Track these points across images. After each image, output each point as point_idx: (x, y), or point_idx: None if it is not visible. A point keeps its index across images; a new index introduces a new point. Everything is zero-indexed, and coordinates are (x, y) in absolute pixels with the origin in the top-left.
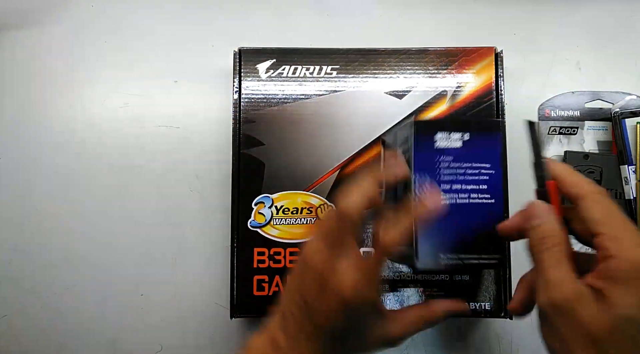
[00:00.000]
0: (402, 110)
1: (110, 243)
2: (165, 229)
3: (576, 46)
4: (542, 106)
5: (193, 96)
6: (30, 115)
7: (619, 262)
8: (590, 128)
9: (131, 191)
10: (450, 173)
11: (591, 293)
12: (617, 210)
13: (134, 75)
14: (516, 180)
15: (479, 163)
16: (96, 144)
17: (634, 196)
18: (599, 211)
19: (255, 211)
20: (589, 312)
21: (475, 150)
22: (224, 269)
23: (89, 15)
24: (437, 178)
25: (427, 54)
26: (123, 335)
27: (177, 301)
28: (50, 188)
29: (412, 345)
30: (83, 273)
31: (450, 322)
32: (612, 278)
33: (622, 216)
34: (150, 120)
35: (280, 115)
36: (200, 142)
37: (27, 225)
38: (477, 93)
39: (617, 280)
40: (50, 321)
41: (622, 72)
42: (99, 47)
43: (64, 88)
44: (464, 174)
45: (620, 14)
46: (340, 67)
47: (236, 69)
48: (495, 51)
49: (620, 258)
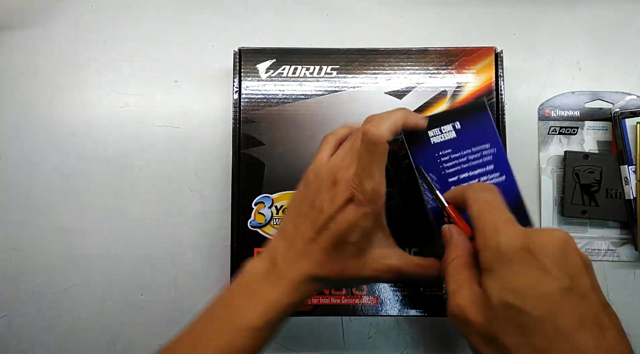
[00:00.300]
0: None
1: (110, 243)
2: (165, 229)
3: (576, 46)
4: (542, 106)
5: (193, 96)
6: (30, 115)
7: (485, 253)
8: (590, 128)
9: (131, 191)
10: (454, 165)
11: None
12: (491, 203)
13: (134, 75)
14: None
15: (478, 146)
16: (96, 144)
17: (634, 196)
18: (475, 210)
19: (255, 211)
20: (476, 310)
21: (471, 135)
22: (224, 269)
23: (89, 15)
24: (443, 174)
25: (427, 54)
26: (123, 335)
27: (177, 301)
28: (50, 188)
29: (412, 345)
30: (83, 273)
31: (450, 322)
32: (484, 270)
33: (495, 208)
34: (150, 120)
35: (280, 115)
36: (200, 142)
37: (27, 225)
38: (477, 93)
39: (486, 271)
40: (50, 321)
41: (622, 72)
42: (99, 47)
43: (64, 88)
44: (467, 161)
45: (620, 14)
46: (340, 67)
47: (236, 69)
48: (495, 51)
49: (485, 249)
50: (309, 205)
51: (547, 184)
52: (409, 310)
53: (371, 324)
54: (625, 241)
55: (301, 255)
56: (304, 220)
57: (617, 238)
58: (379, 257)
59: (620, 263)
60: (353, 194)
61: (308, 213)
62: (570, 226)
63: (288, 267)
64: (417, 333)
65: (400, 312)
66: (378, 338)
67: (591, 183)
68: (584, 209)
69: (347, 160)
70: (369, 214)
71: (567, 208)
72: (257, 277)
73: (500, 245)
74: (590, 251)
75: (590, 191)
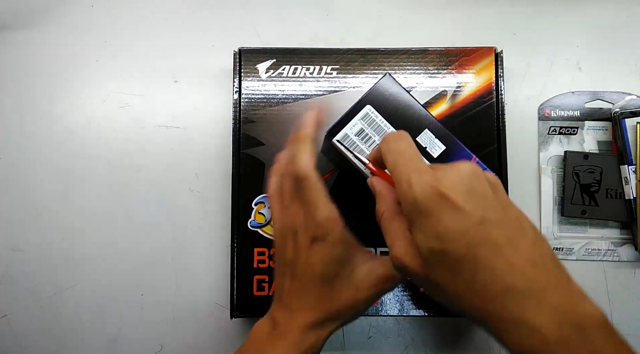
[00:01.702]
0: None
1: (110, 243)
2: (165, 229)
3: (576, 46)
4: (542, 106)
5: (193, 96)
6: (30, 115)
7: (404, 207)
8: (590, 128)
9: (131, 191)
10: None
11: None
12: (403, 152)
13: (134, 75)
14: (516, 180)
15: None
16: (96, 144)
17: (634, 196)
18: (390, 163)
19: (255, 211)
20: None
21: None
22: (224, 269)
23: (89, 15)
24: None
25: (427, 54)
26: (123, 335)
27: (177, 301)
28: (50, 188)
29: (412, 345)
30: (83, 273)
31: (451, 322)
32: (409, 221)
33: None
34: (150, 120)
35: (280, 115)
36: (200, 142)
37: (27, 225)
38: (477, 93)
39: (410, 222)
40: (50, 321)
41: (622, 72)
42: (99, 47)
43: (64, 88)
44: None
45: (620, 14)
46: (340, 67)
47: (236, 69)
48: (495, 51)
49: (403, 203)
50: (283, 263)
51: (547, 184)
52: (409, 310)
53: (371, 324)
54: (625, 241)
55: (294, 309)
56: (284, 277)
57: (617, 238)
58: (366, 275)
59: (620, 263)
60: (313, 233)
61: (285, 269)
62: (570, 226)
63: (287, 324)
64: (417, 333)
65: (400, 312)
66: (378, 338)
67: (591, 183)
68: (584, 209)
69: (294, 207)
70: (336, 242)
71: (567, 208)
72: (262, 339)
73: (416, 197)
74: (590, 251)
75: (590, 191)
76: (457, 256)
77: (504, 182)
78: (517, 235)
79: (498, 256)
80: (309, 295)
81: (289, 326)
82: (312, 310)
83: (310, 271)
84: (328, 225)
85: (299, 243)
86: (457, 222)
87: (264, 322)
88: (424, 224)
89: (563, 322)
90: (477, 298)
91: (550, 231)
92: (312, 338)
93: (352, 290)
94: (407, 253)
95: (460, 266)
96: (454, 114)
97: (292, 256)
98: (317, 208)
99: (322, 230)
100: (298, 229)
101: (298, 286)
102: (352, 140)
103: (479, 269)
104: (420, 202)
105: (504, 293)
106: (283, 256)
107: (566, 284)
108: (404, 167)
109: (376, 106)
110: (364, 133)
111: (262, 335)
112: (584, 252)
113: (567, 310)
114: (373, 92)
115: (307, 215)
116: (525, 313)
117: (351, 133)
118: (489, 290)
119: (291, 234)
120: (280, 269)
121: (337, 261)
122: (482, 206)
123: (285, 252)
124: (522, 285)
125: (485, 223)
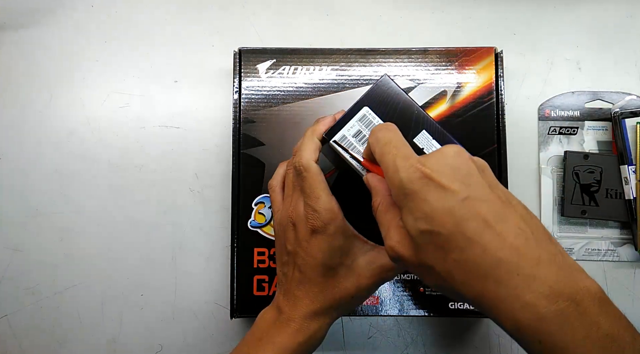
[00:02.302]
0: None
1: (110, 243)
2: (165, 229)
3: (576, 46)
4: (542, 106)
5: (193, 96)
6: (30, 115)
7: (393, 193)
8: (590, 128)
9: (131, 191)
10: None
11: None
12: (389, 142)
13: (134, 75)
14: (516, 180)
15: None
16: (96, 144)
17: (634, 196)
18: (378, 154)
19: (255, 211)
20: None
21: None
22: (224, 269)
23: (89, 15)
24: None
25: (427, 54)
26: (123, 335)
27: (177, 301)
28: (50, 188)
29: (412, 345)
30: (83, 273)
31: (451, 322)
32: (400, 208)
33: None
34: (150, 120)
35: (280, 115)
36: (200, 142)
37: (27, 225)
38: (477, 93)
39: (401, 209)
40: (50, 321)
41: (622, 72)
42: (99, 47)
43: (63, 88)
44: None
45: (620, 14)
46: (340, 67)
47: (236, 69)
48: (495, 51)
49: (393, 189)
50: (284, 253)
51: (547, 184)
52: (409, 310)
53: (371, 324)
54: (625, 241)
55: (298, 297)
56: (287, 267)
57: (617, 238)
58: (367, 264)
59: (620, 263)
60: (312, 224)
61: (287, 259)
62: (570, 226)
63: (291, 312)
64: (417, 333)
65: (400, 312)
66: (378, 338)
67: (591, 183)
68: (584, 209)
69: (294, 198)
70: (336, 233)
71: (567, 208)
72: (266, 325)
73: (402, 181)
74: (590, 251)
75: (590, 191)
76: (446, 235)
77: (504, 182)
78: (505, 210)
79: (486, 230)
80: (311, 284)
81: (293, 313)
82: (314, 299)
83: (311, 261)
84: (328, 216)
85: (300, 233)
86: (443, 201)
87: (269, 310)
88: (411, 207)
89: (558, 296)
90: (469, 276)
91: (550, 231)
92: (316, 325)
93: (353, 279)
94: (399, 241)
95: (449, 245)
96: (453, 114)
97: (293, 247)
98: (318, 198)
99: (322, 221)
100: (298, 220)
101: (300, 276)
102: (350, 142)
103: (468, 245)
104: (406, 185)
105: (496, 268)
106: (284, 247)
107: (560, 258)
108: (390, 154)
109: (374, 107)
110: (361, 135)
111: (267, 322)
112: (584, 252)
113: (561, 284)
114: (371, 94)
115: (308, 206)
116: (518, 287)
117: (349, 135)
118: (480, 266)
119: (291, 226)
120: (282, 258)
121: (338, 251)
122: (466, 184)
123: (286, 242)
124: (514, 260)
125: (472, 200)
